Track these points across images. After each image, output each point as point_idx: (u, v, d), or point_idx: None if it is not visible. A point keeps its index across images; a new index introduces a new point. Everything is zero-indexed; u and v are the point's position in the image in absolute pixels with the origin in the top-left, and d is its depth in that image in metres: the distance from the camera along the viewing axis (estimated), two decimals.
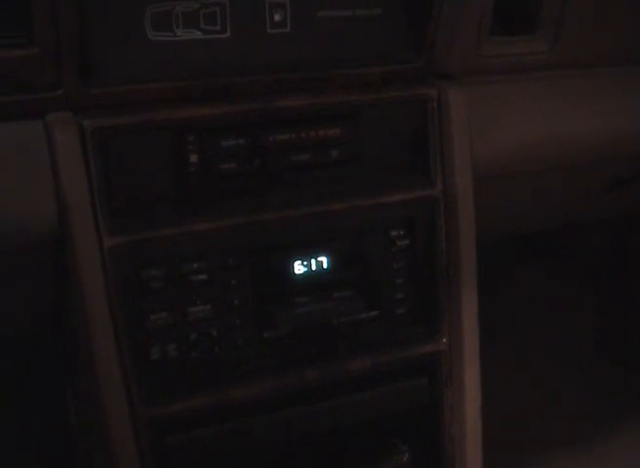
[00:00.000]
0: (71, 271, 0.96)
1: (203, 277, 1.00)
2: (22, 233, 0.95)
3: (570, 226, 1.63)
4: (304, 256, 1.06)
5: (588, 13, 1.22)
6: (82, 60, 0.94)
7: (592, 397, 1.76)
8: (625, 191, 1.50)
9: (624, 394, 1.77)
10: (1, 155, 0.93)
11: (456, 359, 1.17)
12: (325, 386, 1.09)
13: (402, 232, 1.12)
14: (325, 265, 1.08)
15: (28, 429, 1.53)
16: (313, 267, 1.07)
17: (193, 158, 0.99)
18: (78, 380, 1.13)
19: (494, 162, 1.18)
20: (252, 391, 1.05)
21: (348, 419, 1.12)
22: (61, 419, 1.35)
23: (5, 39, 0.91)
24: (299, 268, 1.06)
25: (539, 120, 1.21)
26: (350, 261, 1.09)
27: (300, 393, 1.07)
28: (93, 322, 0.95)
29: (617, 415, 1.74)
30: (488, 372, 1.21)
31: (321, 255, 1.07)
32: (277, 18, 1.03)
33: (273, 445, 1.09)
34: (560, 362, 1.78)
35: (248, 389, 1.04)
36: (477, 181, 1.16)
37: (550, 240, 1.69)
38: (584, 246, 1.82)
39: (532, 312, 1.79)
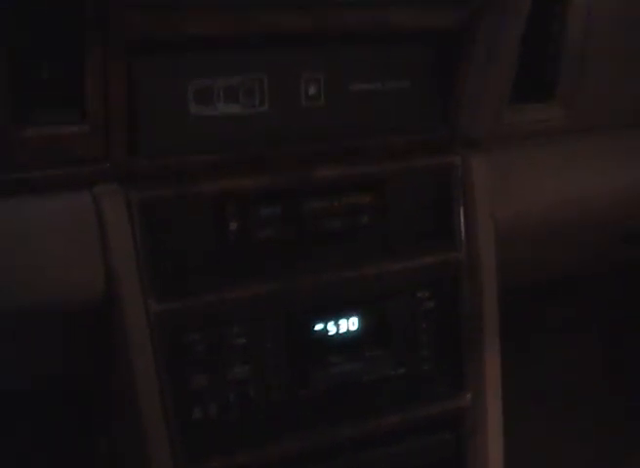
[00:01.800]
0: (118, 336, 1.01)
1: (242, 340, 1.05)
2: (72, 301, 0.99)
3: (586, 275, 1.68)
4: (337, 318, 1.11)
5: (603, 79, 1.27)
6: (129, 135, 0.99)
7: (608, 446, 1.80)
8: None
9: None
10: (52, 225, 0.98)
11: (479, 413, 1.21)
12: (356, 442, 1.13)
13: (428, 293, 1.17)
14: (356, 326, 1.12)
15: None
16: (345, 328, 1.12)
17: (233, 226, 1.04)
18: (118, 433, 1.17)
19: (515, 224, 1.23)
20: (288, 448, 1.09)
21: None
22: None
23: (58, 116, 0.96)
24: (331, 329, 1.11)
25: (558, 184, 1.27)
26: (379, 322, 1.14)
27: (332, 449, 1.12)
28: (140, 383, 1.00)
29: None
30: (511, 425, 1.25)
31: (352, 317, 1.12)
32: (312, 91, 1.09)
33: None
34: (577, 408, 1.81)
35: (284, 446, 1.09)
36: (500, 242, 1.21)
37: (566, 288, 1.73)
38: (601, 295, 1.86)
39: (549, 360, 1.82)
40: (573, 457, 1.76)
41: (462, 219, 1.18)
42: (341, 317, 1.11)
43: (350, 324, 1.12)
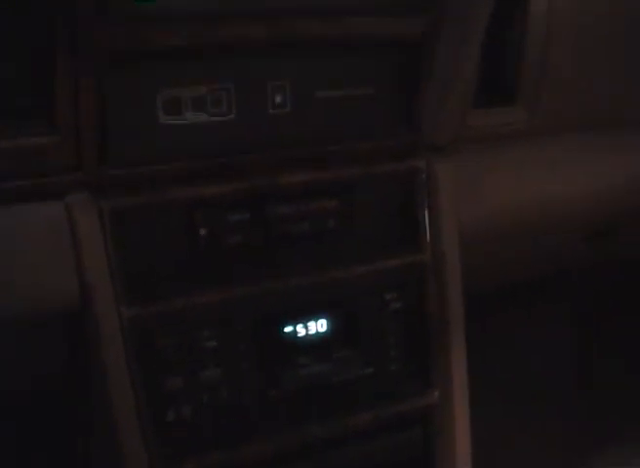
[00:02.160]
0: (91, 340, 1.04)
1: (212, 344, 1.07)
2: (45, 308, 1.02)
3: (552, 275, 1.71)
4: (305, 320, 1.14)
5: (564, 82, 1.30)
6: (99, 145, 1.01)
7: (580, 442, 1.83)
8: (603, 242, 1.59)
9: (609, 437, 1.84)
10: (25, 236, 1.00)
11: (447, 410, 1.24)
12: (327, 441, 1.16)
13: (395, 295, 1.20)
14: (324, 328, 1.15)
15: None
16: (313, 330, 1.15)
17: (202, 232, 1.07)
18: (94, 435, 1.19)
19: (480, 226, 1.27)
20: (260, 448, 1.12)
21: None
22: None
23: (28, 128, 0.98)
24: (300, 331, 1.14)
25: (523, 186, 1.30)
26: (347, 323, 1.17)
27: (304, 448, 1.15)
28: (113, 387, 1.03)
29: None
30: (478, 421, 1.28)
31: (320, 319, 1.15)
32: (278, 99, 1.11)
33: None
34: (545, 406, 1.85)
35: (257, 447, 1.12)
36: (464, 244, 1.24)
37: (532, 288, 1.77)
38: (568, 293, 1.89)
39: (517, 358, 1.86)
40: (540, 454, 1.79)
41: (427, 222, 1.20)
42: (310, 319, 1.14)
43: (319, 326, 1.15)
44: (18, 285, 1.00)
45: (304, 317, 1.14)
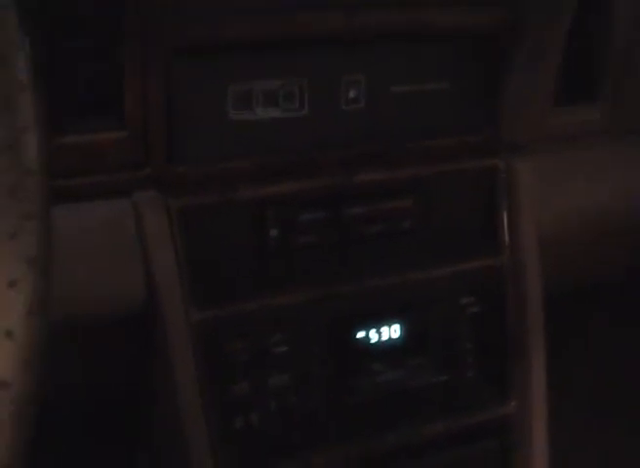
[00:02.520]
0: (157, 344, 1.00)
1: (283, 348, 1.03)
2: (112, 311, 0.98)
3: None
4: (379, 325, 1.09)
5: None
6: (167, 141, 0.98)
7: None
8: None
9: None
10: (90, 234, 0.97)
11: (525, 422, 1.19)
12: (400, 450, 1.11)
13: (472, 299, 1.15)
14: (398, 333, 1.10)
15: None
16: (387, 335, 1.10)
17: (273, 232, 1.03)
18: (157, 445, 1.16)
19: (559, 228, 1.21)
20: (332, 457, 1.07)
21: None
22: None
23: (96, 123, 0.95)
24: (373, 336, 1.09)
25: (605, 187, 1.24)
26: (422, 328, 1.12)
27: (376, 458, 1.10)
28: (180, 392, 0.99)
29: None
30: (558, 432, 1.23)
31: (394, 323, 1.10)
32: (352, 94, 1.07)
33: None
34: (627, 419, 1.78)
35: (328, 456, 1.07)
36: (543, 247, 1.18)
37: (613, 290, 1.70)
38: None
39: (600, 367, 1.79)
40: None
41: (506, 224, 1.15)
42: (384, 324, 1.09)
43: (392, 331, 1.10)
44: (82, 285, 0.96)
45: (378, 321, 1.09)
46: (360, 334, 1.08)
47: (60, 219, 0.94)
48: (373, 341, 1.09)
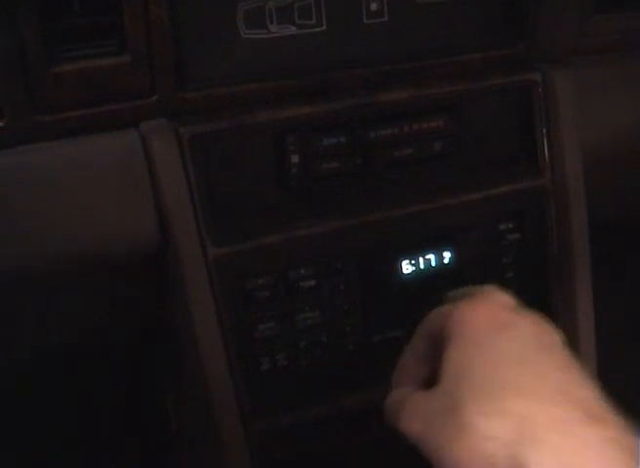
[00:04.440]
0: (176, 282, 0.94)
1: (310, 283, 0.96)
2: (124, 246, 0.92)
3: None
4: (412, 256, 1.02)
5: None
6: (175, 65, 0.91)
7: None
8: None
9: None
10: (97, 167, 0.90)
11: (572, 349, 1.11)
12: None
13: (511, 225, 1.07)
14: (433, 263, 1.03)
15: (126, 433, 1.52)
16: (421, 266, 1.03)
17: (294, 159, 0.95)
18: (182, 389, 1.11)
19: (603, 145, 1.13)
20: (364, 398, 1.01)
21: None
22: (161, 423, 1.34)
23: (95, 48, 0.88)
24: (406, 268, 1.02)
25: None
26: (458, 258, 1.05)
27: None
28: (201, 334, 0.93)
29: None
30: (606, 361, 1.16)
31: (428, 254, 1.03)
32: (374, 7, 0.99)
33: (387, 453, 1.05)
34: None
35: (360, 396, 1.01)
36: (587, 167, 1.10)
37: None
38: None
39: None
40: None
41: (546, 142, 1.07)
42: (417, 253, 1.02)
43: (427, 261, 1.03)
44: (93, 221, 0.90)
45: (410, 252, 1.02)
46: (392, 266, 1.01)
47: (62, 155, 0.90)
48: (406, 272, 1.02)
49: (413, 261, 1.02)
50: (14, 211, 0.87)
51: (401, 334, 1.02)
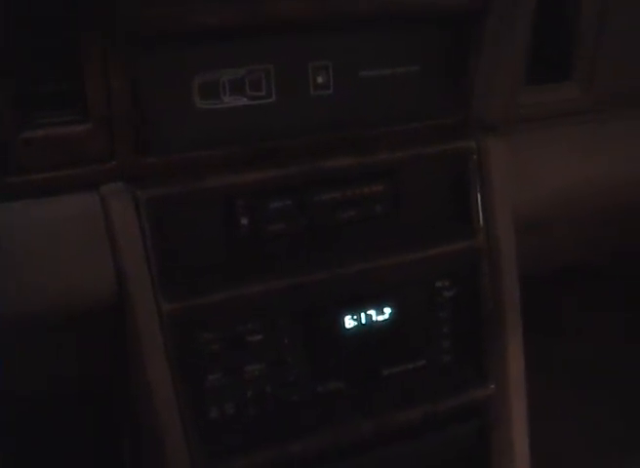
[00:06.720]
0: (131, 335, 0.99)
1: (257, 337, 1.03)
2: (82, 302, 0.98)
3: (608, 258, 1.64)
4: (354, 311, 1.09)
5: (620, 55, 1.23)
6: (133, 132, 0.97)
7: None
8: None
9: None
10: (59, 227, 0.96)
11: (503, 403, 1.19)
12: (378, 437, 1.11)
13: (447, 283, 1.14)
14: (373, 319, 1.10)
15: None
16: (363, 321, 1.09)
17: (244, 221, 1.02)
18: (138, 435, 1.15)
19: (535, 208, 1.20)
20: (309, 445, 1.07)
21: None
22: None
23: (60, 116, 0.94)
24: (349, 323, 1.08)
25: (577, 166, 1.23)
26: (398, 313, 1.11)
27: (354, 445, 1.10)
28: (154, 384, 0.98)
29: None
30: (536, 412, 1.22)
31: (369, 310, 1.10)
32: (320, 80, 1.06)
33: None
34: (604, 396, 1.77)
35: (305, 444, 1.07)
36: (518, 228, 1.18)
37: (586, 272, 1.69)
38: (623, 277, 1.81)
39: (575, 345, 1.79)
40: (599, 448, 1.72)
41: (480, 205, 1.15)
42: (358, 311, 1.09)
43: (367, 317, 1.09)
44: (52, 279, 0.96)
45: (352, 308, 1.09)
46: (334, 321, 1.08)
47: (27, 214, 0.96)
48: (347, 327, 1.08)
49: (354, 316, 1.09)
50: None
51: (344, 386, 1.09)
